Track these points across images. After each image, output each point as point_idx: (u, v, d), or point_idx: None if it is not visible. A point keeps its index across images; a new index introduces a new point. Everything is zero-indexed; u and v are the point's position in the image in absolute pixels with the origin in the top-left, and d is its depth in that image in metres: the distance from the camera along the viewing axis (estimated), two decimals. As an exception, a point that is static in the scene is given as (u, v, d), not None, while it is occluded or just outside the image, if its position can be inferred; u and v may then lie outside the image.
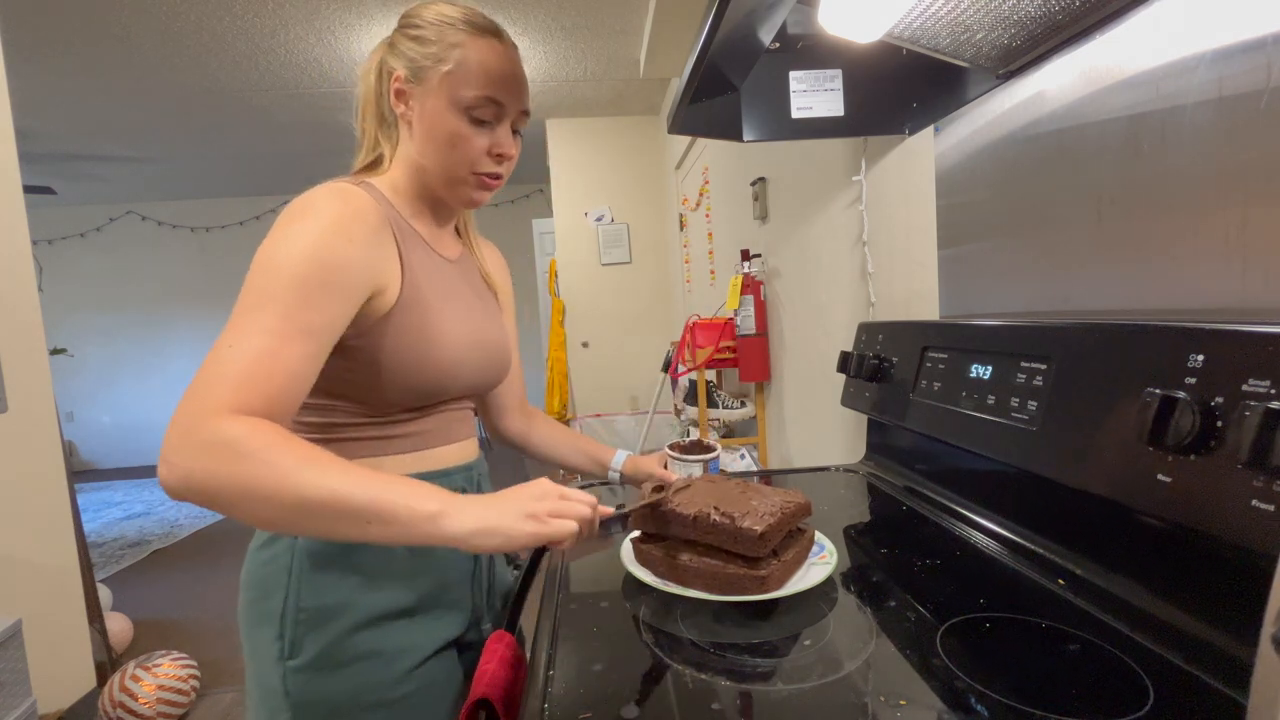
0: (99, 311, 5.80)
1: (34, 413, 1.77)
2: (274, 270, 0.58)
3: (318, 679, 0.65)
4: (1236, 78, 0.53)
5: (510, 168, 0.74)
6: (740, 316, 1.91)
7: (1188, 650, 0.49)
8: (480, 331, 0.76)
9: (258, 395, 0.54)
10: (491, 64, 0.68)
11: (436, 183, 0.72)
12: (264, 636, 0.66)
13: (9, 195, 1.74)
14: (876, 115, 1.02)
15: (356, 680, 0.66)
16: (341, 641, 0.66)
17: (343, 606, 0.66)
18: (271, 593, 0.67)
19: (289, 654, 0.65)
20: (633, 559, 0.71)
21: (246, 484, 0.50)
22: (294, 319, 0.57)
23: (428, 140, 0.69)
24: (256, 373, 0.54)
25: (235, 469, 0.50)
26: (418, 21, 0.70)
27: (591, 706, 0.47)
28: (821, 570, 0.66)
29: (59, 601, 1.81)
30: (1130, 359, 0.56)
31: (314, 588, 0.66)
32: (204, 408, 0.52)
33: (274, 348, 0.55)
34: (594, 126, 4.01)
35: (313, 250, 0.59)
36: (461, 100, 0.67)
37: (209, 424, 0.51)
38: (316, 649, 0.65)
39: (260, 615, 0.67)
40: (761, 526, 0.62)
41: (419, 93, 0.69)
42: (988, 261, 0.88)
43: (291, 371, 0.56)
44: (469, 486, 0.80)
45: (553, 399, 4.23)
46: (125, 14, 2.42)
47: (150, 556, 3.46)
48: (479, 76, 0.67)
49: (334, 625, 0.66)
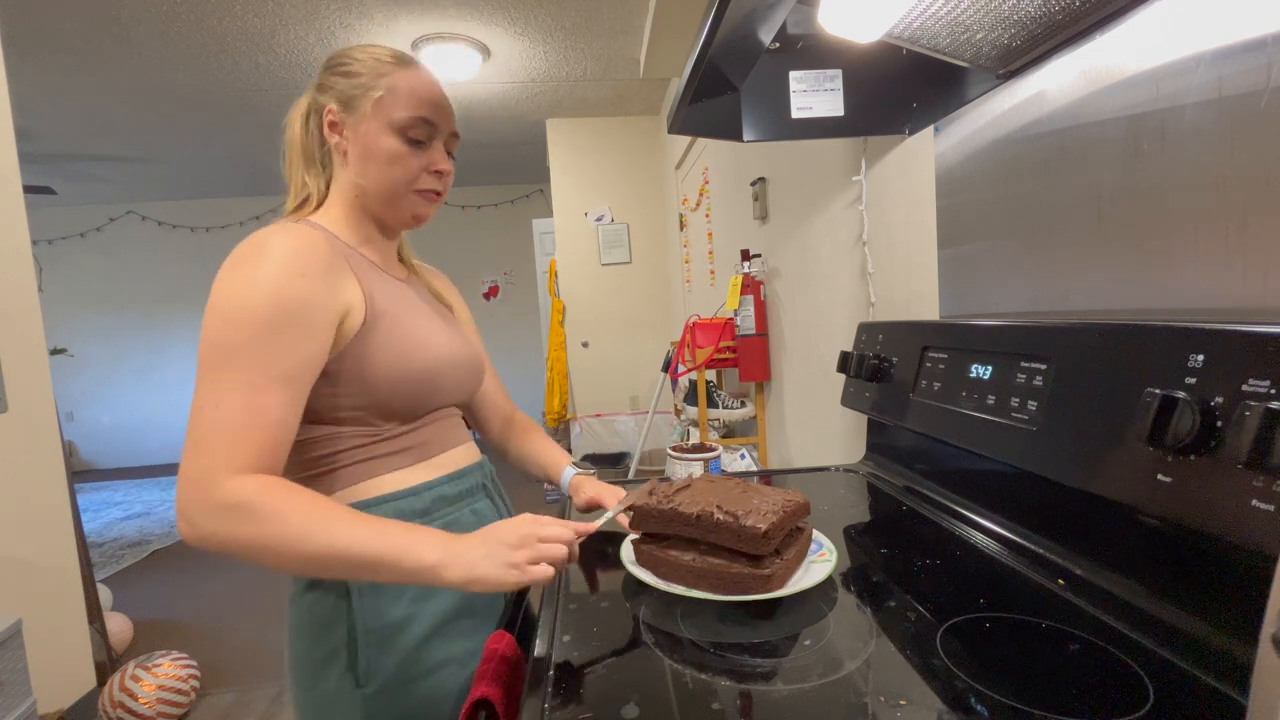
0: (99, 311, 5.80)
1: (34, 413, 1.77)
2: (236, 321, 0.59)
3: (397, 697, 0.67)
4: (1236, 78, 0.53)
5: (448, 184, 0.77)
6: (740, 316, 1.91)
7: (1188, 650, 0.49)
8: (451, 340, 0.78)
9: (253, 450, 0.57)
10: (419, 89, 0.72)
11: (377, 204, 0.74)
12: (331, 674, 0.67)
13: (9, 195, 1.74)
14: (876, 115, 1.01)
15: (437, 690, 0.68)
16: (415, 654, 0.68)
17: (408, 620, 0.68)
18: (331, 627, 0.67)
19: (364, 681, 0.66)
20: (633, 560, 0.71)
21: (265, 544, 0.55)
22: (267, 369, 0.59)
23: (366, 161, 0.72)
24: (246, 429, 0.57)
25: (253, 530, 0.55)
26: (345, 60, 0.73)
27: (591, 706, 0.47)
28: (823, 568, 0.66)
29: (59, 601, 1.81)
30: (1130, 359, 0.56)
31: (375, 608, 0.67)
32: (212, 467, 0.56)
33: (255, 403, 0.58)
34: (594, 126, 4.01)
35: (272, 292, 0.60)
36: (395, 122, 0.71)
37: (221, 486, 0.56)
38: (393, 667, 0.67)
39: (324, 655, 0.67)
40: (765, 524, 0.62)
41: (352, 121, 0.72)
42: (988, 261, 0.88)
43: (276, 421, 0.59)
44: (488, 483, 0.82)
45: (553, 399, 4.23)
46: (125, 14, 2.42)
47: (150, 556, 3.46)
48: (409, 99, 0.71)
49: (403, 639, 0.68)
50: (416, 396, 0.72)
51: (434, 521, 0.73)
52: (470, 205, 5.90)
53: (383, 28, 2.62)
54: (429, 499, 0.73)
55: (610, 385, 4.14)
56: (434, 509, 0.73)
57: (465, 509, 0.78)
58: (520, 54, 2.98)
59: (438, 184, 0.76)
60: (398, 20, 2.57)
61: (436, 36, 2.72)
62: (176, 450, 5.93)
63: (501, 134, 4.21)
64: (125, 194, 5.36)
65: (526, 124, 4.02)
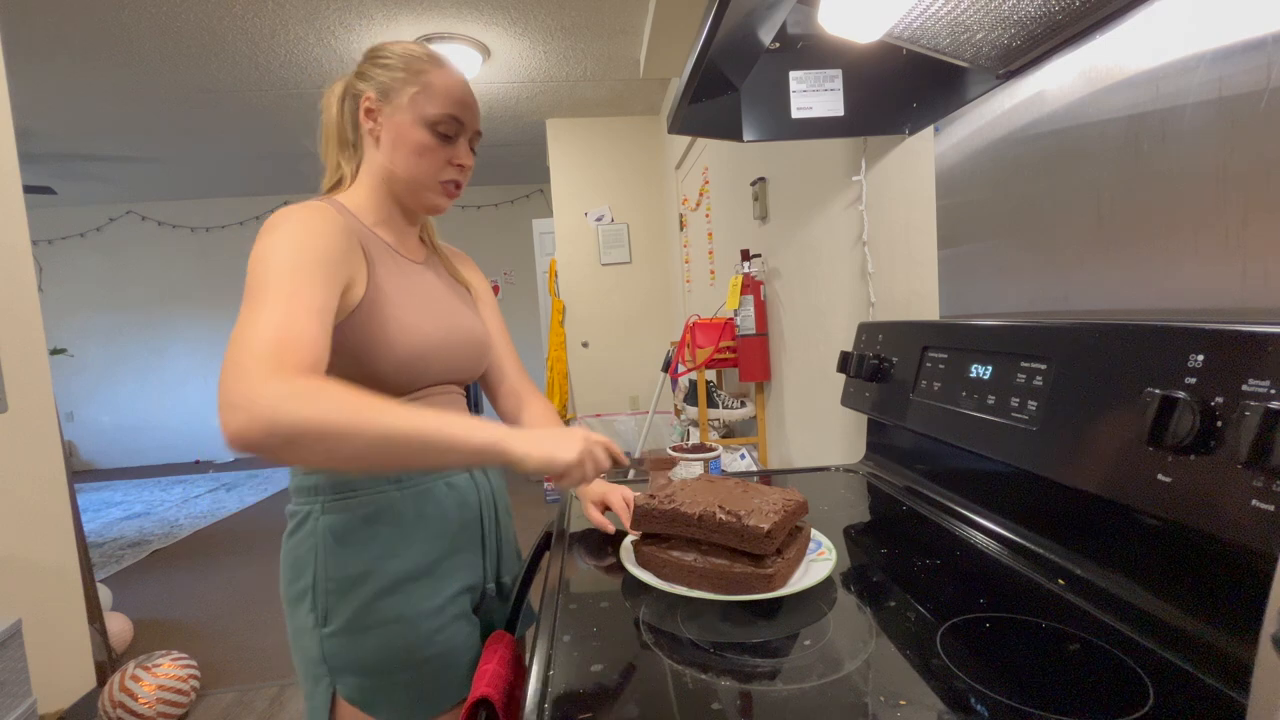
0: (99, 311, 5.80)
1: (34, 413, 1.77)
2: (268, 265, 0.64)
3: (350, 643, 0.73)
4: (1236, 78, 0.53)
5: (467, 177, 0.84)
6: (740, 316, 1.91)
7: (1188, 650, 0.49)
8: (452, 320, 0.82)
9: (296, 361, 0.58)
10: (453, 89, 0.79)
11: (403, 189, 0.81)
12: (301, 610, 0.75)
13: (9, 195, 1.74)
14: (876, 115, 1.01)
15: (386, 643, 0.74)
16: (368, 606, 0.74)
17: (365, 574, 0.74)
18: (304, 571, 0.75)
19: (323, 622, 0.74)
20: (633, 561, 0.71)
21: (330, 422, 0.54)
22: (299, 299, 0.63)
23: (396, 149, 0.78)
24: (287, 342, 0.59)
25: (319, 409, 0.54)
26: (386, 54, 0.79)
27: (591, 706, 0.47)
28: (824, 566, 0.66)
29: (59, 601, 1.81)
30: (1130, 359, 0.56)
31: (338, 560, 0.74)
32: (263, 363, 0.56)
33: (292, 322, 0.60)
34: (594, 126, 4.01)
35: (297, 245, 0.66)
36: (428, 117, 0.77)
37: (278, 374, 0.55)
38: (346, 615, 0.73)
39: (297, 592, 0.75)
40: (768, 524, 0.62)
41: (388, 110, 0.78)
42: (988, 261, 0.88)
43: (313, 340, 0.61)
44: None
45: (553, 399, 4.23)
46: (125, 14, 2.42)
47: (150, 556, 3.46)
48: (443, 98, 0.78)
49: (359, 592, 0.74)
50: (409, 373, 0.76)
51: (406, 489, 0.78)
52: (470, 205, 5.90)
53: (383, 28, 2.62)
54: None
55: (610, 385, 4.14)
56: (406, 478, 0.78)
57: (440, 481, 0.81)
58: (520, 54, 2.98)
59: (459, 175, 0.82)
60: (398, 20, 2.57)
61: (436, 36, 2.72)
62: (176, 450, 5.98)
63: (501, 134, 4.21)
64: (125, 194, 5.36)
65: (526, 124, 4.02)
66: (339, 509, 0.75)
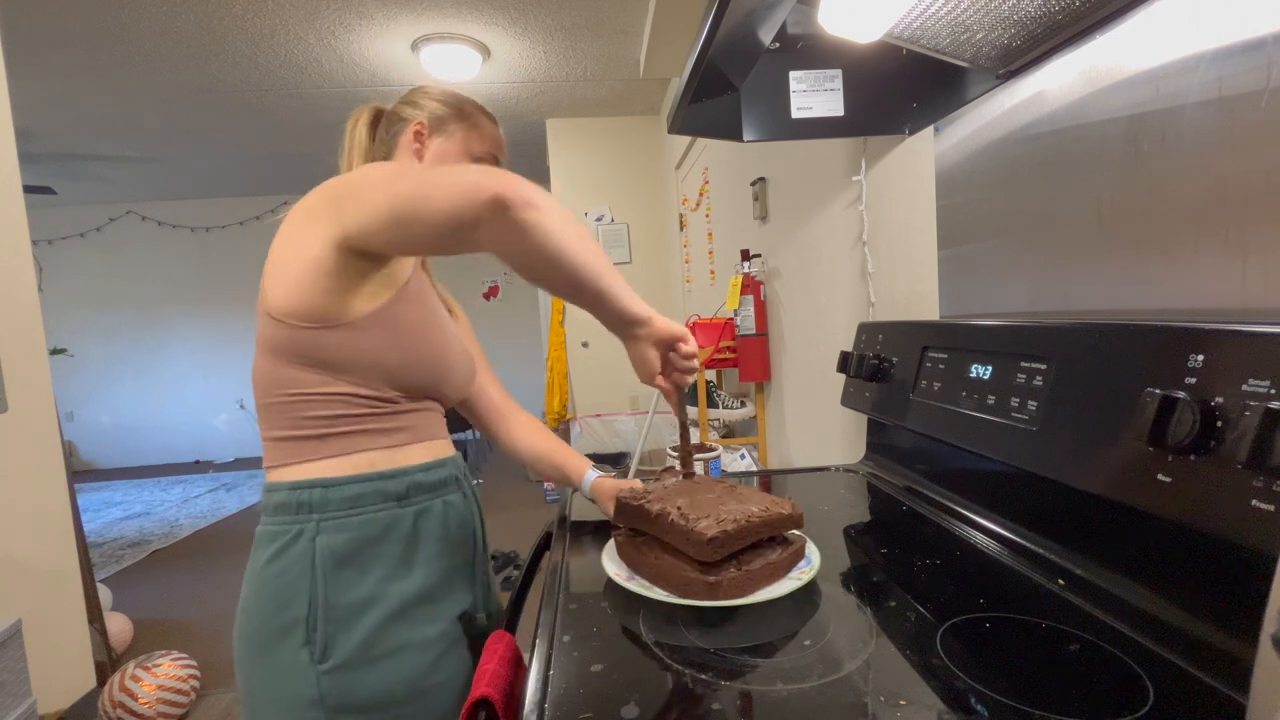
0: (99, 311, 5.80)
1: (34, 413, 1.77)
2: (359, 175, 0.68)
3: (355, 676, 0.67)
4: (1236, 78, 0.53)
5: None
6: (740, 316, 1.91)
7: (1188, 650, 0.49)
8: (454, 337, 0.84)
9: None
10: (498, 136, 0.92)
11: None
12: (289, 646, 0.66)
13: (9, 195, 1.74)
14: (876, 115, 1.01)
15: (393, 673, 0.68)
16: (375, 635, 0.68)
17: (371, 600, 0.69)
18: (293, 600, 0.67)
19: (320, 657, 0.66)
20: (613, 553, 0.72)
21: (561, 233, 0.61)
22: None
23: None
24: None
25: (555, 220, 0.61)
26: (437, 93, 0.89)
27: (591, 706, 0.47)
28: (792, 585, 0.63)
29: (59, 601, 1.81)
30: (1130, 359, 0.56)
31: (341, 585, 0.68)
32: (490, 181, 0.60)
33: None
34: (594, 126, 4.01)
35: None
36: (474, 153, 0.89)
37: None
38: (350, 647, 0.67)
39: (279, 629, 0.67)
40: (713, 531, 0.60)
41: (438, 139, 0.87)
42: (988, 261, 0.88)
43: None
44: (460, 476, 0.86)
45: (553, 399, 4.23)
46: (125, 14, 2.42)
47: (150, 556, 3.46)
48: (491, 141, 0.91)
49: (366, 619, 0.68)
50: (428, 376, 0.77)
51: (409, 507, 0.75)
52: (470, 205, 5.89)
53: (383, 28, 2.62)
54: (405, 484, 0.75)
55: (610, 385, 4.14)
56: (410, 494, 0.75)
57: (438, 499, 0.80)
58: (520, 54, 2.98)
59: None
60: (398, 20, 2.57)
61: (436, 36, 2.72)
62: (176, 450, 5.98)
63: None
64: (125, 194, 5.36)
65: (526, 124, 4.02)
66: (338, 528, 0.69)
